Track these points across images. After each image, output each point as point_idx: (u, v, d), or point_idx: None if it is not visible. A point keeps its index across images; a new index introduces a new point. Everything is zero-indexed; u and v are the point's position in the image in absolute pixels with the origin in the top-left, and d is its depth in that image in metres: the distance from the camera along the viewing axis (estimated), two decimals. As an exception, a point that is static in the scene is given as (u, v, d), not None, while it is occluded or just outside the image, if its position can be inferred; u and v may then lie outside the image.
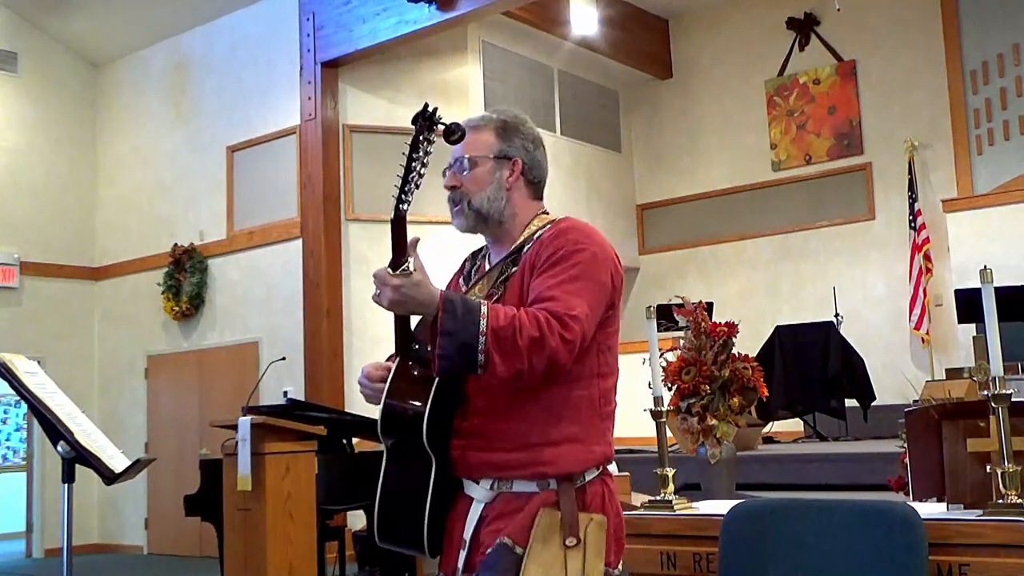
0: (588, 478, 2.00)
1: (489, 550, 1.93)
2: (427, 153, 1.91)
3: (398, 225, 1.94)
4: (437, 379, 1.92)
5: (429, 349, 1.88)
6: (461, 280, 2.23)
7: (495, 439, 1.96)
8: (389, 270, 1.88)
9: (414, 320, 2.00)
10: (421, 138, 1.90)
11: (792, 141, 10.60)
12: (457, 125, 1.97)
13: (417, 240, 2.05)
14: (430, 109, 1.89)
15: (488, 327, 1.83)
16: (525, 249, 2.09)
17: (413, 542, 1.96)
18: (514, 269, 2.08)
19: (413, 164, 1.90)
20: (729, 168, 10.97)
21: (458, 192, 2.14)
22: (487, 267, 2.18)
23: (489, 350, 1.82)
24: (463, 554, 1.99)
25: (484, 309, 1.85)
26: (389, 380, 1.96)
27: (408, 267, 1.88)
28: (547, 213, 2.18)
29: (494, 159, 2.14)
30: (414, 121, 1.89)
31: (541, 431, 1.96)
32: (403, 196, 1.93)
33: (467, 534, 1.99)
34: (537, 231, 2.11)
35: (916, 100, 9.82)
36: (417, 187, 1.91)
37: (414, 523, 1.93)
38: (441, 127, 1.93)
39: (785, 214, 10.56)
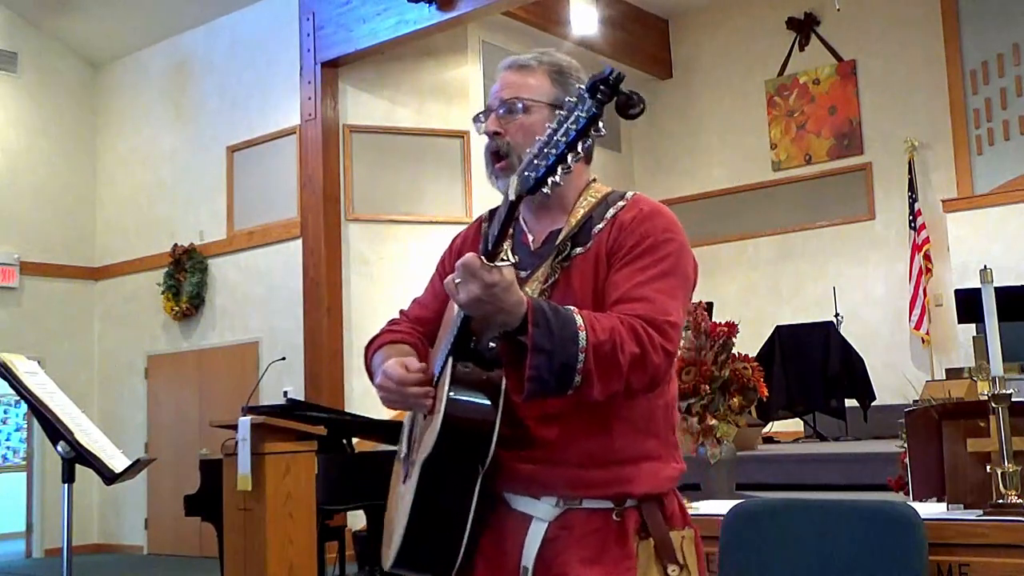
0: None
1: None
2: (597, 133, 1.46)
3: (513, 209, 1.53)
4: (504, 383, 1.65)
5: (491, 347, 1.64)
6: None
7: (570, 454, 1.68)
8: (483, 259, 1.50)
9: None
10: (599, 114, 1.44)
11: (792, 141, 10.60)
12: (640, 98, 1.52)
13: (484, 218, 1.78)
14: (614, 75, 1.45)
15: (588, 343, 1.53)
16: (596, 228, 1.75)
17: (437, 567, 1.70)
18: (580, 250, 1.74)
19: (577, 142, 1.45)
20: (729, 168, 10.97)
21: (503, 142, 1.78)
22: (530, 240, 1.82)
23: (589, 371, 1.53)
24: None
25: (580, 320, 1.55)
26: (448, 385, 1.62)
27: (506, 259, 1.54)
28: (596, 181, 1.86)
29: (549, 107, 1.77)
30: (594, 89, 1.44)
31: (623, 446, 1.70)
32: (546, 178, 1.46)
33: (528, 560, 1.69)
34: (607, 207, 1.77)
35: (916, 100, 9.81)
36: (567, 171, 1.46)
37: (446, 546, 1.68)
38: (619, 97, 1.49)
39: (785, 214, 10.56)
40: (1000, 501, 2.27)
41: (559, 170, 1.45)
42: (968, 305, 7.69)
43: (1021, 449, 2.31)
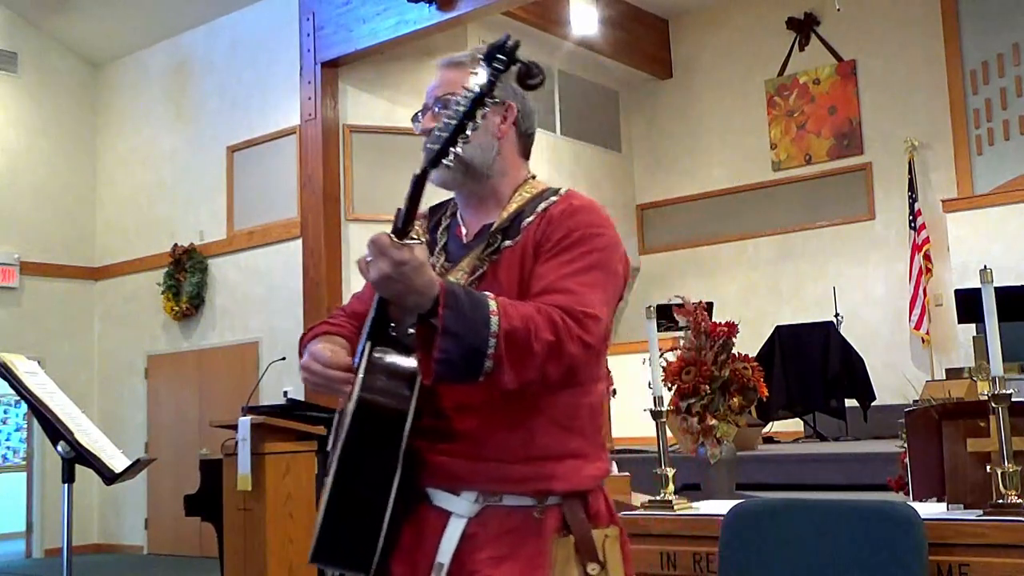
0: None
1: None
2: (493, 100, 1.52)
3: (419, 185, 1.55)
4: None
5: (411, 333, 1.59)
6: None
7: (490, 448, 1.66)
8: (393, 237, 1.48)
9: None
10: (494, 80, 1.49)
11: (792, 141, 10.60)
12: (540, 68, 1.57)
13: (424, 215, 1.77)
14: (510, 43, 1.51)
15: (500, 328, 1.50)
16: (526, 222, 1.75)
17: (355, 561, 1.61)
18: (508, 243, 1.75)
19: (474, 110, 1.50)
20: (729, 168, 10.97)
21: None
22: (463, 233, 1.84)
23: (500, 357, 1.50)
24: None
25: (493, 305, 1.52)
26: (363, 370, 1.59)
27: (416, 238, 1.53)
28: (535, 177, 1.88)
29: None
30: (490, 57, 1.50)
31: (544, 442, 1.67)
32: (447, 148, 1.51)
33: (444, 557, 1.66)
34: (539, 201, 1.78)
35: (916, 100, 9.81)
36: (466, 142, 1.53)
37: (364, 539, 1.59)
38: (516, 68, 1.53)
39: (785, 214, 10.56)
40: (1000, 501, 2.27)
41: (458, 140, 1.50)
42: (968, 305, 7.69)
43: (1021, 449, 2.31)
